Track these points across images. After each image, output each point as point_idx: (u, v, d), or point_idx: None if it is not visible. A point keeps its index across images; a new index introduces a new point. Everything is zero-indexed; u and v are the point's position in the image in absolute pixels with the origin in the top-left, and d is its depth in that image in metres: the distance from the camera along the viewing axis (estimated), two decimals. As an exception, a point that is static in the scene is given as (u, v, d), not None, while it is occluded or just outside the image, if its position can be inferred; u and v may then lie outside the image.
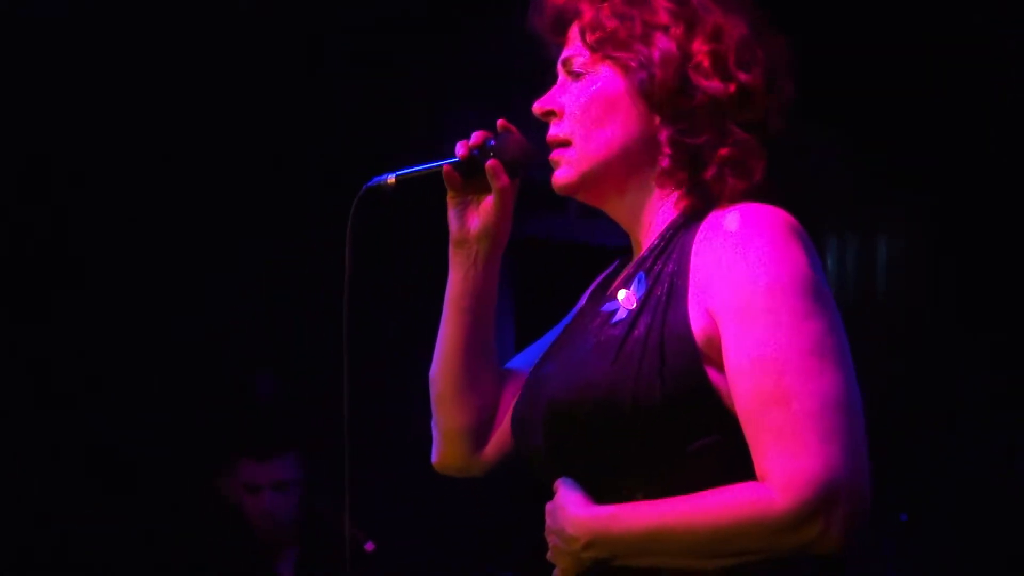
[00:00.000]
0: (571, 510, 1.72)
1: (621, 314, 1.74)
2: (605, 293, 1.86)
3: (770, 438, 1.62)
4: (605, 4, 1.83)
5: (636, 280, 1.76)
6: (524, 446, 1.83)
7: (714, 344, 1.67)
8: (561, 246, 4.43)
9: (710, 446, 1.68)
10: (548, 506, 1.77)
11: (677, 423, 1.67)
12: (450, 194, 1.93)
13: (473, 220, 1.93)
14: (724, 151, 1.76)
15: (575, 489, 1.73)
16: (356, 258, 1.93)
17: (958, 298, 4.74)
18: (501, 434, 1.98)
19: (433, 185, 1.92)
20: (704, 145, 1.77)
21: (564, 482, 1.75)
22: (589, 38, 1.83)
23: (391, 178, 1.91)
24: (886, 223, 5.10)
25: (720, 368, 1.67)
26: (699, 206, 1.78)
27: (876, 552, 4.39)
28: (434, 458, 2.02)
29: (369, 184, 1.92)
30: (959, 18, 4.01)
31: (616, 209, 1.87)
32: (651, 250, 1.79)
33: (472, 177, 1.91)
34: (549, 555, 1.76)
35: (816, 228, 5.33)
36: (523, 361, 2.01)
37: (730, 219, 1.71)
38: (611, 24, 1.81)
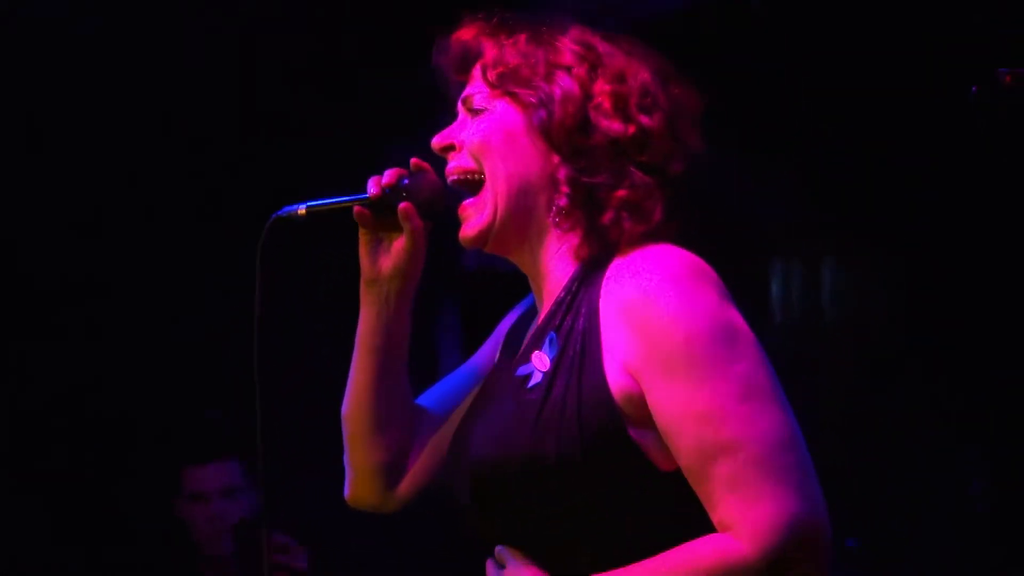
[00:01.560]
0: None
1: (536, 377, 1.73)
2: (519, 347, 1.84)
3: (724, 489, 1.62)
4: (509, 43, 1.83)
5: (547, 340, 1.75)
6: (455, 504, 1.81)
7: (634, 401, 1.66)
8: (510, 277, 4.43)
9: (636, 500, 1.67)
10: None
11: (601, 480, 1.66)
12: (362, 231, 1.91)
13: (385, 260, 1.90)
14: (621, 193, 1.75)
15: (526, 563, 1.71)
16: (269, 286, 1.90)
17: (905, 320, 4.77)
18: (415, 471, 1.97)
19: (347, 218, 1.90)
20: (601, 185, 1.75)
21: (512, 555, 1.72)
22: (490, 74, 1.82)
23: (302, 209, 1.89)
24: (830, 247, 5.12)
25: (640, 424, 1.66)
26: (598, 253, 1.76)
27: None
28: (347, 493, 2.00)
29: (279, 213, 1.90)
30: (899, 46, 4.04)
31: (519, 256, 1.86)
32: (558, 305, 1.77)
33: (384, 216, 1.88)
34: None
35: (760, 254, 5.38)
36: (436, 396, 2.00)
37: (634, 269, 1.70)
38: (514, 61, 1.81)
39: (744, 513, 1.60)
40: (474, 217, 1.83)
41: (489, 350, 2.00)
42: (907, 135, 4.40)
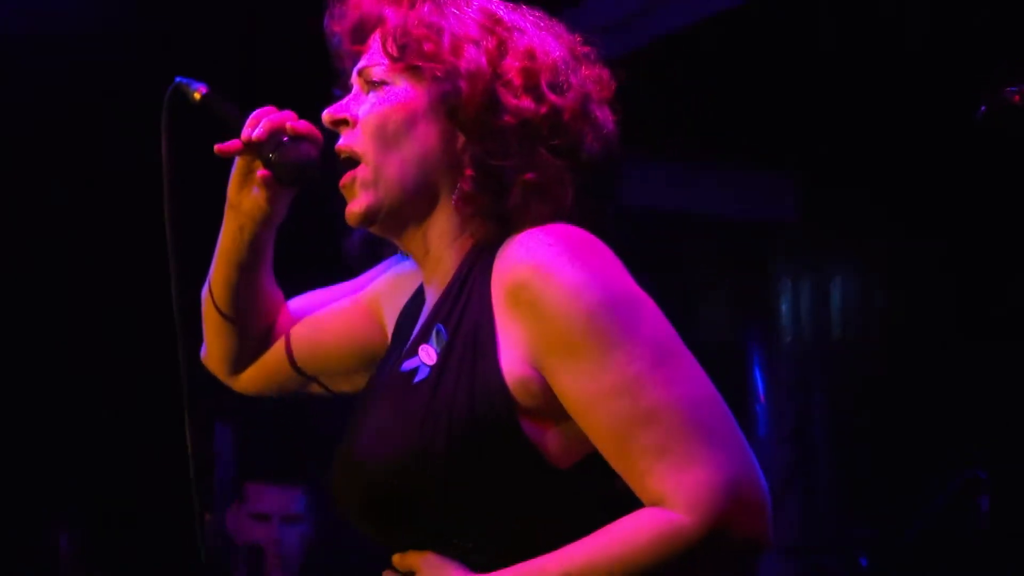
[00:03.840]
0: None
1: (423, 372, 1.61)
2: (408, 339, 1.72)
3: (650, 460, 1.50)
4: (412, 12, 1.69)
5: (434, 332, 1.64)
6: (341, 506, 1.68)
7: (532, 392, 1.56)
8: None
9: (532, 500, 1.56)
10: None
11: (493, 479, 1.56)
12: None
13: (247, 196, 1.81)
14: (530, 176, 1.62)
15: (445, 563, 1.59)
16: (176, 155, 1.79)
17: (912, 338, 4.77)
18: (259, 369, 1.94)
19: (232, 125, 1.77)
20: (510, 168, 1.63)
21: (425, 558, 1.60)
22: (391, 47, 1.68)
23: (199, 92, 1.78)
24: (839, 265, 5.13)
25: (537, 417, 1.56)
26: (493, 236, 1.64)
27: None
28: (202, 354, 1.98)
29: (181, 80, 1.79)
30: (908, 62, 4.05)
31: (410, 242, 1.72)
32: (446, 293, 1.66)
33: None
34: None
35: (770, 272, 5.35)
36: (306, 305, 1.95)
37: (522, 249, 1.57)
38: (418, 32, 1.67)
39: (678, 481, 1.49)
40: (361, 195, 1.70)
41: (366, 283, 1.91)
42: (916, 154, 4.41)
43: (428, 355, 1.62)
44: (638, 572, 1.50)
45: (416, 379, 1.61)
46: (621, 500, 1.54)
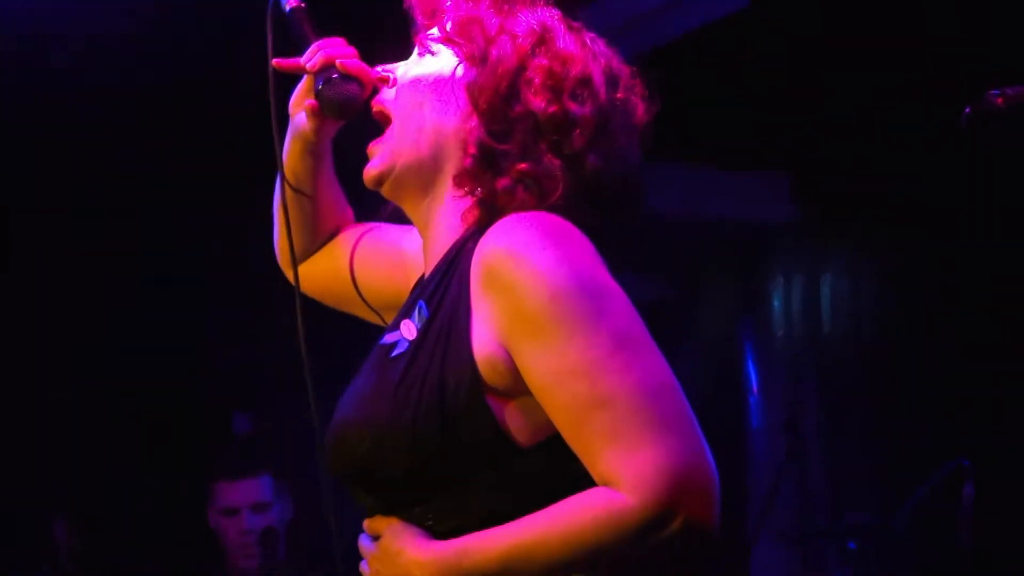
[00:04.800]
0: (411, 551, 1.64)
1: (401, 347, 1.68)
2: (418, 292, 1.78)
3: (602, 442, 1.55)
4: (478, 2, 1.80)
5: (417, 309, 1.71)
6: (330, 468, 1.74)
7: (499, 371, 1.61)
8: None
9: (495, 477, 1.63)
10: (374, 551, 1.69)
11: (458, 456, 1.61)
12: None
13: (301, 113, 1.95)
14: (524, 166, 1.69)
15: (406, 528, 1.66)
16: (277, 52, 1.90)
17: (899, 333, 4.84)
18: (320, 272, 2.05)
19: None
20: (507, 153, 1.70)
21: (390, 524, 1.68)
22: (445, 22, 1.81)
23: (290, 4, 1.93)
24: (830, 262, 5.20)
25: (502, 395, 1.62)
26: (483, 221, 1.70)
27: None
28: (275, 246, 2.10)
29: None
30: (902, 64, 4.12)
31: (416, 209, 1.82)
32: (435, 273, 1.73)
33: None
34: None
35: (762, 269, 5.35)
36: (371, 229, 2.04)
37: (499, 233, 1.63)
38: (469, 15, 1.78)
39: (625, 464, 1.53)
40: (377, 156, 1.82)
41: (406, 239, 2.00)
42: (906, 156, 4.47)
43: (408, 330, 1.69)
44: (580, 549, 1.55)
45: (393, 353, 1.68)
46: (580, 481, 1.58)
